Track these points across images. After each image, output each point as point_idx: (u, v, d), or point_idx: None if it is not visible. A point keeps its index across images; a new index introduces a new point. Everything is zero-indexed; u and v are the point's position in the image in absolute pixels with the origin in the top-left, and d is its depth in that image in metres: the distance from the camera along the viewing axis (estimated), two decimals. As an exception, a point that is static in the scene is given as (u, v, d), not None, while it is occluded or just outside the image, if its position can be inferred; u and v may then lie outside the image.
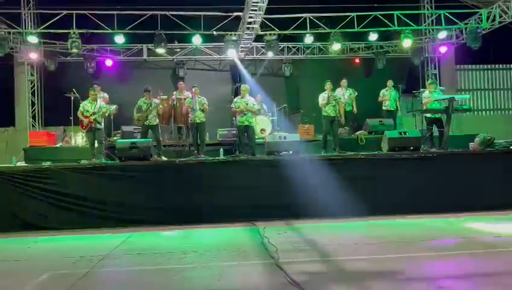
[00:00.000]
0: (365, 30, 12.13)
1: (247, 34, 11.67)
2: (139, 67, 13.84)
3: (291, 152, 8.32)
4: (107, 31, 11.43)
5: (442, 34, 12.96)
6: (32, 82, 13.53)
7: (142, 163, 7.72)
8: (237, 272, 4.53)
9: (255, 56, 14.01)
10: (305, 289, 3.83)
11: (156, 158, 8.62)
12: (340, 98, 10.18)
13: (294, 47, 14.21)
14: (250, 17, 10.77)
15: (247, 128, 9.40)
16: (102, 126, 9.21)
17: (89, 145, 9.20)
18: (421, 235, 6.08)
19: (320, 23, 11.84)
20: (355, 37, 13.37)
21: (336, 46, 12.13)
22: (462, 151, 8.68)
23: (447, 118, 8.87)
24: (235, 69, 13.67)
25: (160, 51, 11.85)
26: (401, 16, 11.71)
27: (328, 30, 11.92)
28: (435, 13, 12.77)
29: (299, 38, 13.05)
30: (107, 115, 9.19)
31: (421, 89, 10.64)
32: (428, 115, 9.32)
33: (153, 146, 8.63)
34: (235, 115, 9.71)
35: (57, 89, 12.61)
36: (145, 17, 11.33)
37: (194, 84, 9.65)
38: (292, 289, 3.89)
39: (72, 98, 10.94)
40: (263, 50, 13.25)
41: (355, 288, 3.97)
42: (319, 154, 8.94)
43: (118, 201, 7.30)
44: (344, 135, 10.92)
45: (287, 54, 14.24)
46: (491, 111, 16.35)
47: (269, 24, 11.50)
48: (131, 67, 13.79)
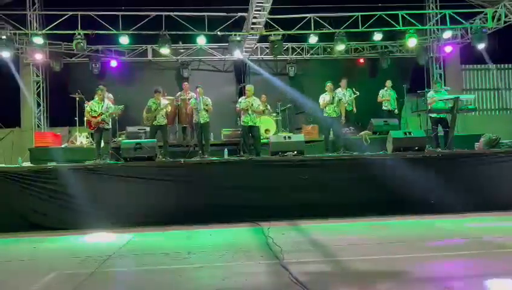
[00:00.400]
0: (370, 30, 12.11)
1: (251, 34, 11.68)
2: (144, 68, 13.89)
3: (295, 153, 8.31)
4: (112, 32, 11.47)
5: (447, 34, 12.92)
6: (37, 83, 13.62)
7: (147, 164, 7.74)
8: (242, 272, 4.52)
9: (259, 56, 14.01)
10: (310, 289, 3.82)
11: (160, 158, 8.64)
12: (341, 98, 10.17)
13: (299, 47, 14.21)
14: (255, 18, 10.77)
15: (252, 128, 9.39)
16: (110, 126, 9.25)
17: (94, 145, 9.25)
18: (426, 236, 6.06)
19: (324, 23, 11.83)
20: (360, 37, 13.36)
21: (340, 46, 12.12)
22: (467, 152, 8.64)
23: (452, 118, 8.83)
24: (240, 70, 13.70)
25: (164, 51, 11.88)
26: (406, 16, 11.68)
27: (332, 30, 11.90)
28: (440, 13, 12.71)
29: (304, 38, 13.05)
30: (114, 115, 9.22)
31: (426, 89, 10.62)
32: (434, 115, 9.30)
33: (158, 146, 8.65)
34: (239, 115, 9.72)
35: (62, 90, 12.70)
36: (149, 18, 11.37)
37: (198, 85, 9.66)
38: (296, 289, 3.88)
39: (77, 98, 11.00)
40: (267, 50, 13.25)
41: (360, 288, 3.96)
42: (326, 155, 8.95)
43: (122, 201, 7.31)
44: (349, 135, 10.89)
45: (292, 54, 14.25)
46: (497, 111, 16.27)
47: (273, 24, 11.51)
48: (136, 68, 13.84)
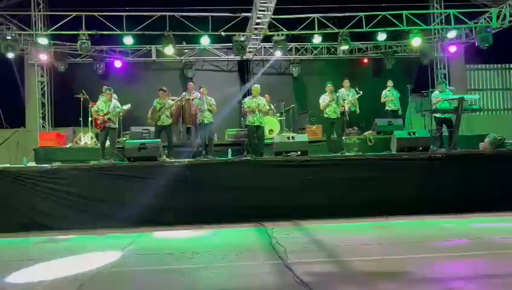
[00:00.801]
0: (374, 30, 12.09)
1: (255, 34, 11.68)
2: (148, 68, 13.93)
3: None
4: (116, 32, 11.50)
5: (451, 34, 12.89)
6: (42, 83, 13.68)
7: (151, 163, 7.75)
8: (246, 273, 4.53)
9: (263, 56, 14.02)
10: (314, 289, 3.82)
11: (164, 159, 8.65)
12: (344, 99, 10.20)
13: (303, 47, 14.22)
14: (258, 18, 10.79)
15: (258, 128, 9.40)
16: (117, 126, 9.28)
17: (99, 144, 9.27)
18: (431, 236, 6.04)
19: (328, 24, 11.83)
20: (364, 37, 13.34)
21: (344, 46, 12.10)
22: (472, 152, 8.61)
23: (457, 118, 8.80)
24: (244, 70, 13.73)
25: (168, 51, 11.90)
26: (410, 16, 11.65)
27: (336, 30, 11.90)
28: (444, 12, 12.68)
29: (307, 38, 13.05)
30: (121, 114, 9.25)
31: (431, 89, 10.59)
32: (438, 115, 9.27)
33: (162, 146, 8.67)
34: (244, 115, 9.72)
35: (66, 90, 12.77)
36: (153, 18, 11.39)
37: (201, 85, 9.67)
38: (301, 289, 3.88)
39: (81, 99, 11.04)
40: (271, 50, 13.26)
41: (364, 289, 3.96)
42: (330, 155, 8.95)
43: (126, 201, 7.31)
44: (353, 135, 10.89)
45: (295, 54, 14.24)
46: (501, 111, 16.21)
47: (277, 24, 11.51)
48: (140, 68, 13.88)
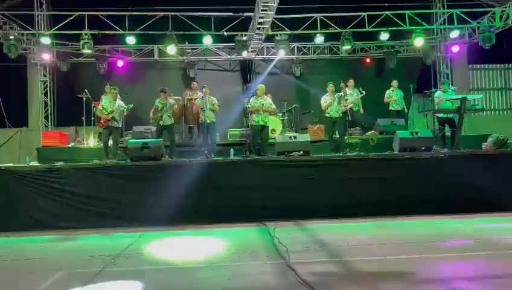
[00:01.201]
0: (376, 30, 12.06)
1: (257, 34, 11.68)
2: (150, 68, 13.92)
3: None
4: (119, 32, 11.51)
5: (454, 34, 12.84)
6: (45, 83, 13.69)
7: (153, 163, 7.76)
8: (248, 272, 4.53)
9: (265, 56, 14.02)
10: (316, 289, 3.82)
11: (167, 158, 8.66)
12: (348, 98, 10.20)
13: (305, 47, 14.20)
14: (261, 18, 10.77)
15: (263, 128, 9.39)
16: (120, 125, 9.29)
17: (102, 144, 9.29)
18: (433, 236, 6.03)
19: (331, 23, 11.81)
20: (366, 36, 13.30)
21: (347, 46, 12.09)
22: (474, 152, 8.59)
23: (459, 118, 8.78)
24: (246, 69, 13.72)
25: (171, 51, 11.91)
26: (413, 15, 11.62)
27: (338, 30, 11.87)
28: (447, 12, 12.64)
29: (310, 38, 13.03)
30: (124, 114, 9.28)
31: (433, 89, 10.56)
32: (440, 115, 9.26)
33: (164, 146, 8.68)
34: (246, 114, 9.72)
35: (69, 90, 12.80)
36: (156, 18, 11.39)
37: (204, 85, 9.67)
38: (303, 289, 3.88)
39: (84, 98, 11.06)
40: (274, 50, 13.25)
41: (367, 289, 3.96)
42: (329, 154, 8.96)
43: (129, 201, 7.34)
44: (355, 135, 10.88)
45: (298, 53, 14.23)
46: (505, 111, 16.15)
47: (280, 24, 11.50)
48: (143, 68, 13.88)
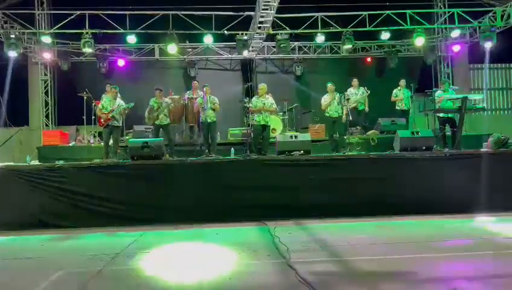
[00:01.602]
0: (377, 29, 12.06)
1: (258, 33, 11.68)
2: (151, 67, 13.93)
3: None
4: (119, 31, 11.53)
5: (455, 33, 12.84)
6: (45, 82, 13.72)
7: (154, 162, 7.76)
8: (248, 272, 4.53)
9: (266, 55, 14.02)
10: (316, 288, 3.82)
11: (167, 157, 8.66)
12: (349, 98, 10.21)
13: (306, 46, 14.19)
14: (262, 17, 10.77)
15: (264, 127, 9.39)
16: (120, 124, 9.29)
17: (103, 143, 9.29)
18: (433, 236, 6.03)
19: (331, 22, 11.80)
20: (367, 36, 13.29)
21: (348, 45, 12.09)
22: (475, 152, 8.58)
23: (460, 118, 8.77)
24: (247, 68, 13.73)
25: (172, 50, 11.91)
26: (414, 15, 11.62)
27: (339, 29, 11.87)
28: (448, 11, 12.63)
29: (311, 37, 13.03)
30: (126, 112, 9.29)
31: (434, 89, 10.55)
32: (441, 115, 9.25)
33: (164, 145, 8.68)
34: (246, 113, 9.72)
35: (70, 89, 12.80)
36: (156, 17, 11.41)
37: (205, 84, 9.67)
38: (303, 288, 3.88)
39: (84, 97, 11.07)
40: (274, 49, 13.25)
41: (367, 288, 3.95)
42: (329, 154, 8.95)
43: (129, 200, 7.34)
44: (356, 134, 10.88)
45: (298, 53, 14.22)
46: (505, 111, 16.15)
47: (280, 23, 11.50)
48: (143, 67, 13.89)
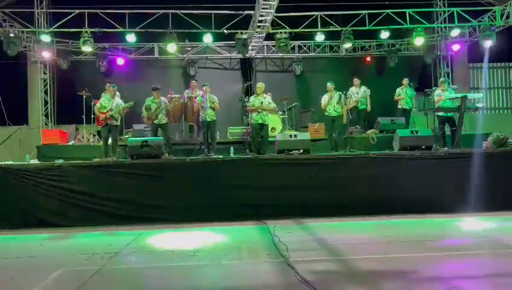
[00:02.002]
0: (377, 28, 12.03)
1: (258, 32, 11.67)
2: (151, 66, 13.91)
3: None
4: (119, 30, 11.50)
5: (455, 32, 12.83)
6: (45, 80, 13.69)
7: (153, 161, 7.76)
8: (247, 271, 4.53)
9: (265, 54, 14.00)
10: (316, 288, 3.82)
11: (167, 156, 8.65)
12: (349, 97, 10.22)
13: (305, 45, 14.18)
14: (261, 16, 10.76)
15: (262, 126, 9.39)
16: (119, 123, 9.29)
17: (102, 142, 9.29)
18: (432, 235, 6.04)
19: (331, 21, 11.79)
20: (367, 35, 13.27)
21: (347, 44, 12.08)
22: (474, 151, 8.57)
23: (460, 117, 8.78)
24: (246, 68, 13.72)
25: (171, 49, 11.90)
26: (414, 14, 11.61)
27: (339, 28, 11.85)
28: (448, 11, 12.63)
29: (310, 36, 13.02)
30: (125, 111, 9.27)
31: (433, 88, 10.55)
32: (441, 114, 9.25)
33: (164, 144, 8.67)
34: (245, 113, 9.73)
35: (69, 88, 12.78)
36: (156, 16, 11.38)
37: (204, 83, 9.67)
38: (303, 287, 3.88)
39: (84, 96, 11.06)
40: (274, 48, 13.24)
41: (366, 288, 3.95)
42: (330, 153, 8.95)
43: (129, 199, 7.33)
44: (355, 133, 10.88)
45: (298, 52, 14.21)
46: (505, 110, 16.15)
47: (280, 22, 11.49)
48: (143, 66, 13.87)
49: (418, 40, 11.88)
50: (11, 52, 11.40)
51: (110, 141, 9.15)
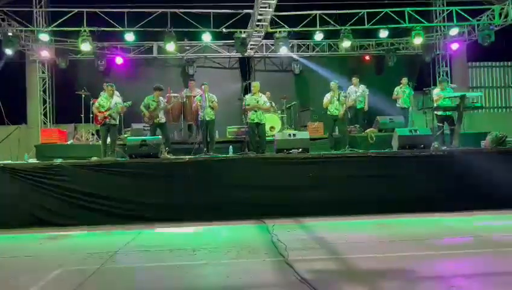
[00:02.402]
0: (376, 27, 12.02)
1: (256, 31, 11.66)
2: (149, 65, 13.90)
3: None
4: (118, 29, 11.48)
5: (453, 31, 12.84)
6: (43, 80, 13.66)
7: (152, 160, 7.75)
8: (247, 270, 4.52)
9: (264, 53, 13.99)
10: (315, 287, 3.81)
11: (165, 155, 8.64)
12: (347, 96, 10.23)
13: (304, 44, 14.17)
14: (260, 14, 10.75)
15: (258, 125, 9.39)
16: (117, 122, 9.28)
17: (101, 141, 9.28)
18: (432, 234, 6.04)
19: (330, 20, 11.78)
20: (366, 34, 13.27)
21: (346, 43, 12.07)
22: (473, 150, 8.59)
23: (458, 116, 8.79)
24: (245, 67, 13.71)
25: (170, 48, 11.88)
26: (412, 13, 11.61)
27: (338, 27, 11.84)
28: (447, 10, 12.62)
29: (309, 35, 13.01)
30: (124, 110, 9.26)
31: (432, 87, 10.57)
32: (440, 113, 9.26)
33: (163, 144, 8.67)
34: (245, 112, 9.72)
35: (68, 87, 12.76)
36: (155, 15, 11.36)
37: (203, 82, 9.66)
38: (302, 286, 3.88)
39: (83, 95, 11.04)
40: (273, 47, 13.23)
41: (366, 287, 3.95)
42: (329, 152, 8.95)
43: (128, 198, 7.32)
44: (354, 132, 10.88)
45: (297, 51, 14.20)
46: (503, 109, 16.16)
47: (279, 21, 11.48)
48: (141, 65, 13.85)
49: (417, 39, 11.88)
50: (10, 51, 11.38)
51: (108, 140, 9.14)
